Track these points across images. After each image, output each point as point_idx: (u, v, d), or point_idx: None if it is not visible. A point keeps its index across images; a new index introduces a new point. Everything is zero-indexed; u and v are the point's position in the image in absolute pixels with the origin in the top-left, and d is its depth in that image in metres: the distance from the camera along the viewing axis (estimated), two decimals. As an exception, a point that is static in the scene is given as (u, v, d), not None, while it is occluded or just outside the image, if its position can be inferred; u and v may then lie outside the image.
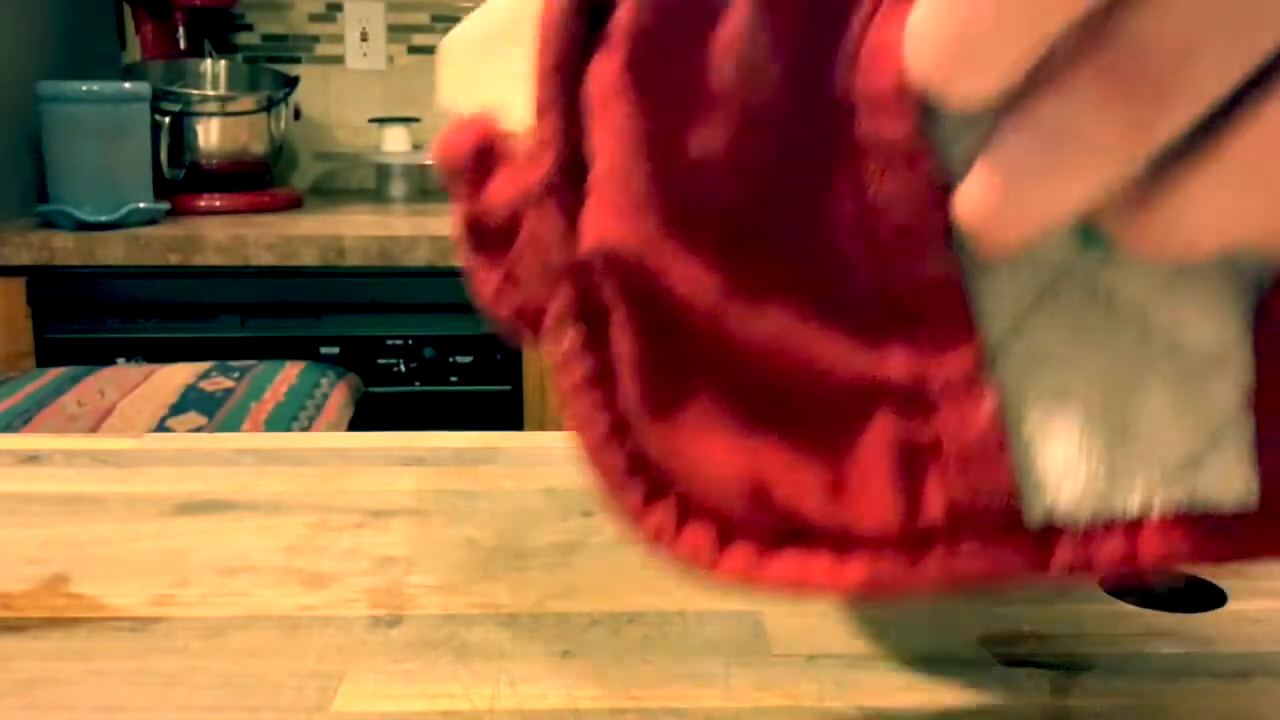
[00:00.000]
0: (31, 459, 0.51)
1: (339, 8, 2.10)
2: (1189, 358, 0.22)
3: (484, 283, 0.28)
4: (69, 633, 0.35)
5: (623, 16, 0.21)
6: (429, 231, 1.60)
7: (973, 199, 0.19)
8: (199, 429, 1.20)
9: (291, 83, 1.89)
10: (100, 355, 1.58)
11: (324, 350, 1.62)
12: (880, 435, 0.22)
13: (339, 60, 2.11)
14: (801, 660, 0.34)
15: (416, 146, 2.04)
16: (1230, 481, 0.22)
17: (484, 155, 0.26)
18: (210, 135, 1.80)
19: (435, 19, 2.11)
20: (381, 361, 1.64)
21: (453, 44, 0.29)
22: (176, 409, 1.23)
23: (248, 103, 1.83)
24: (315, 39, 2.11)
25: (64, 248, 1.56)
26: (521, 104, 0.24)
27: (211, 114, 1.80)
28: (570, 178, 0.23)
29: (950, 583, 0.22)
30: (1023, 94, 0.18)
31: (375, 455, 0.52)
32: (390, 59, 2.12)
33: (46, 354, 1.59)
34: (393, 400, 1.63)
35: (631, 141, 0.21)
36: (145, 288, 1.60)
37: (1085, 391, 0.22)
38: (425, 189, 2.05)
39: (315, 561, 0.41)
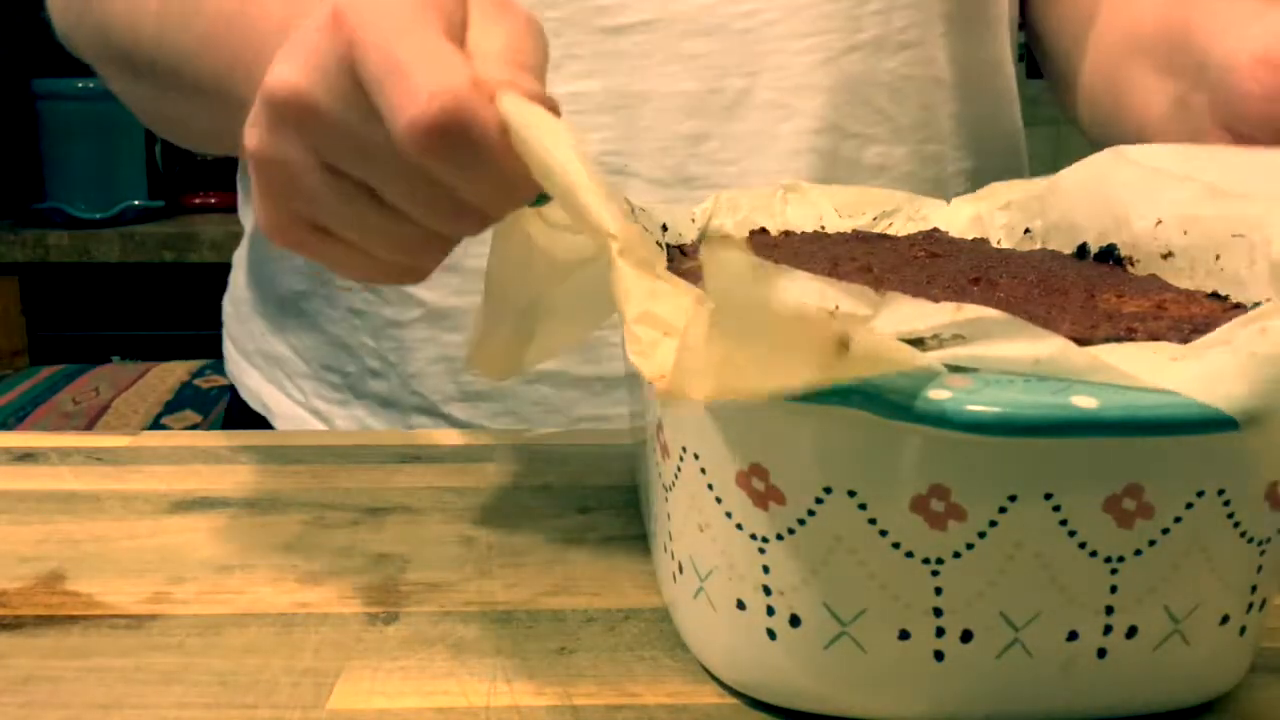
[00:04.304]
0: (27, 456, 0.51)
1: (334, 5, 2.09)
2: None
3: None
4: (65, 630, 0.35)
5: None
6: (424, 229, 1.59)
7: None
8: (194, 426, 1.20)
9: (287, 80, 1.89)
10: (95, 352, 1.58)
11: (319, 348, 1.62)
12: None
13: (334, 57, 2.11)
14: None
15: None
16: None
17: None
18: (205, 132, 1.79)
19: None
20: (377, 359, 1.63)
21: None
22: (172, 406, 1.23)
23: (243, 100, 1.82)
24: (310, 36, 2.11)
25: (59, 245, 1.56)
26: None
27: (207, 111, 1.79)
28: None
29: None
30: None
31: (370, 452, 0.52)
32: (385, 56, 2.11)
33: (41, 351, 1.59)
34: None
35: None
36: (140, 285, 1.60)
37: None
38: (421, 186, 2.04)
39: (311, 559, 0.41)
